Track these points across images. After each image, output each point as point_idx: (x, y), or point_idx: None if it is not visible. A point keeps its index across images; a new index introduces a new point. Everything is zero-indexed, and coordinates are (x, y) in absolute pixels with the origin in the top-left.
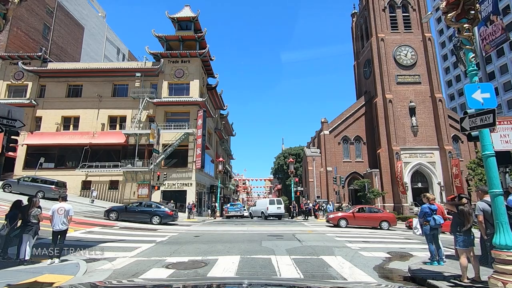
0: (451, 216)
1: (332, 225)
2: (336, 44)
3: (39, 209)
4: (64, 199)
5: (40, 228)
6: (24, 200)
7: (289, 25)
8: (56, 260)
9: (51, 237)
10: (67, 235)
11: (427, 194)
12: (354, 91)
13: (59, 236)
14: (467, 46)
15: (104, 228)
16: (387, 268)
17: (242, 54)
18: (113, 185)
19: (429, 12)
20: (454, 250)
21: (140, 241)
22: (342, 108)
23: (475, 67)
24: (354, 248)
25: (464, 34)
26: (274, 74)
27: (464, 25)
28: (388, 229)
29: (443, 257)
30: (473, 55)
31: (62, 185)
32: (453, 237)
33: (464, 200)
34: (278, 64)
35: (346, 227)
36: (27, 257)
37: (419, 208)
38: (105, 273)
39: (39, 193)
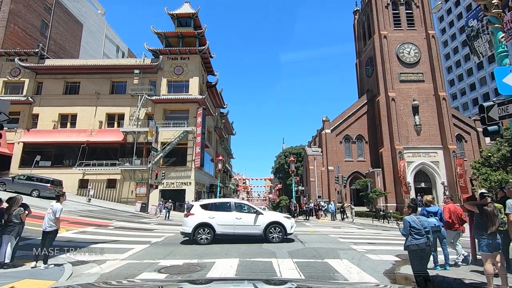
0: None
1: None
2: (337, 44)
3: (22, 208)
4: (57, 197)
5: (24, 228)
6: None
7: (289, 25)
8: (40, 264)
9: (40, 238)
10: (60, 235)
11: (425, 197)
12: (355, 91)
13: (46, 238)
14: (496, 25)
15: (99, 228)
16: (399, 273)
17: (242, 54)
18: (111, 183)
19: (439, 2)
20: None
21: (134, 242)
22: (343, 108)
23: (505, 48)
24: (361, 251)
25: (493, 11)
26: (274, 74)
27: (493, 1)
28: None
29: (449, 262)
30: (503, 34)
31: (58, 183)
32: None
33: (488, 199)
34: (278, 64)
35: None
36: (7, 260)
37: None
38: (91, 278)
39: (34, 192)
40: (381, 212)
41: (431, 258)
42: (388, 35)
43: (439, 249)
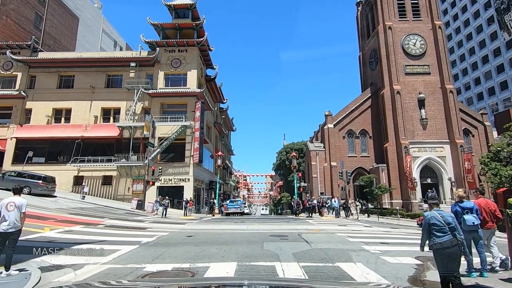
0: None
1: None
2: (340, 42)
3: None
4: (18, 191)
5: None
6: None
7: (291, 24)
8: (1, 270)
9: (20, 239)
10: (42, 235)
11: (457, 191)
12: (358, 87)
13: (7, 240)
14: None
15: (87, 227)
16: (427, 281)
17: (243, 53)
18: (107, 180)
19: None
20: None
21: (123, 242)
22: (345, 104)
23: None
24: (374, 252)
25: None
26: (275, 73)
27: None
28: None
29: (487, 267)
30: None
31: (50, 180)
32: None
33: None
34: (278, 63)
35: None
36: None
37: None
38: None
39: (25, 189)
40: (363, 207)
41: (465, 262)
42: (393, 26)
43: (474, 251)
